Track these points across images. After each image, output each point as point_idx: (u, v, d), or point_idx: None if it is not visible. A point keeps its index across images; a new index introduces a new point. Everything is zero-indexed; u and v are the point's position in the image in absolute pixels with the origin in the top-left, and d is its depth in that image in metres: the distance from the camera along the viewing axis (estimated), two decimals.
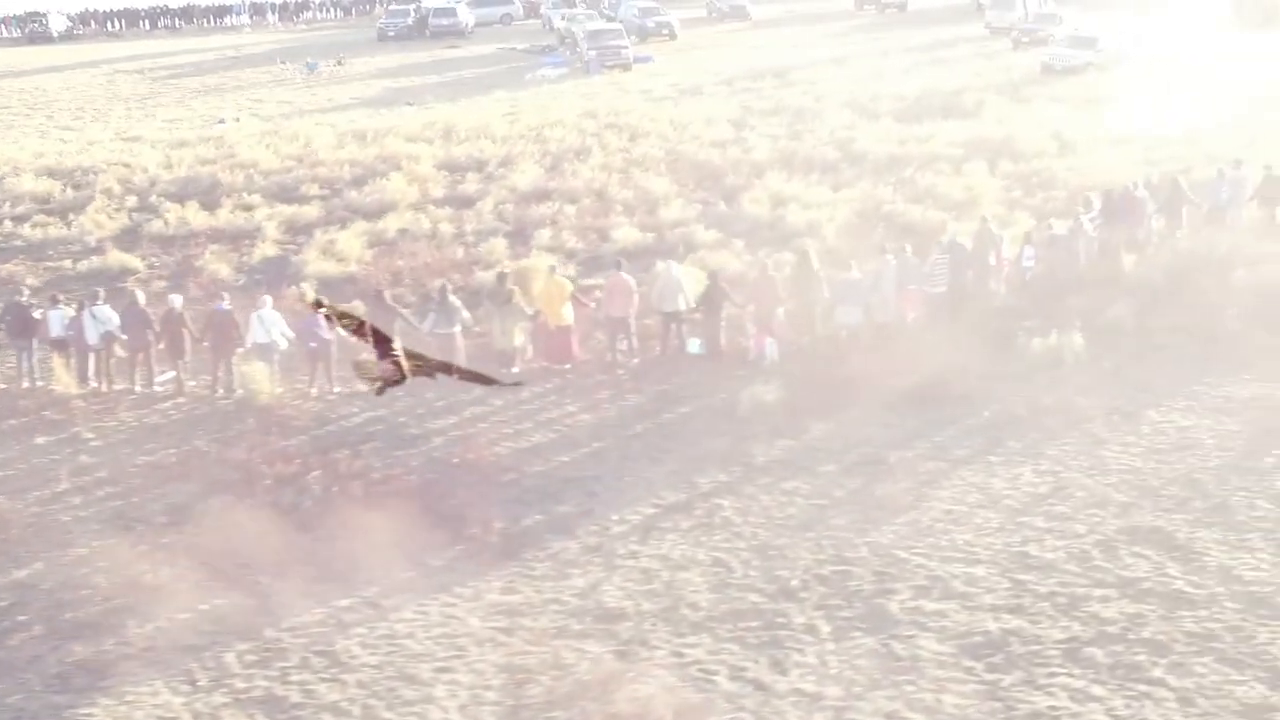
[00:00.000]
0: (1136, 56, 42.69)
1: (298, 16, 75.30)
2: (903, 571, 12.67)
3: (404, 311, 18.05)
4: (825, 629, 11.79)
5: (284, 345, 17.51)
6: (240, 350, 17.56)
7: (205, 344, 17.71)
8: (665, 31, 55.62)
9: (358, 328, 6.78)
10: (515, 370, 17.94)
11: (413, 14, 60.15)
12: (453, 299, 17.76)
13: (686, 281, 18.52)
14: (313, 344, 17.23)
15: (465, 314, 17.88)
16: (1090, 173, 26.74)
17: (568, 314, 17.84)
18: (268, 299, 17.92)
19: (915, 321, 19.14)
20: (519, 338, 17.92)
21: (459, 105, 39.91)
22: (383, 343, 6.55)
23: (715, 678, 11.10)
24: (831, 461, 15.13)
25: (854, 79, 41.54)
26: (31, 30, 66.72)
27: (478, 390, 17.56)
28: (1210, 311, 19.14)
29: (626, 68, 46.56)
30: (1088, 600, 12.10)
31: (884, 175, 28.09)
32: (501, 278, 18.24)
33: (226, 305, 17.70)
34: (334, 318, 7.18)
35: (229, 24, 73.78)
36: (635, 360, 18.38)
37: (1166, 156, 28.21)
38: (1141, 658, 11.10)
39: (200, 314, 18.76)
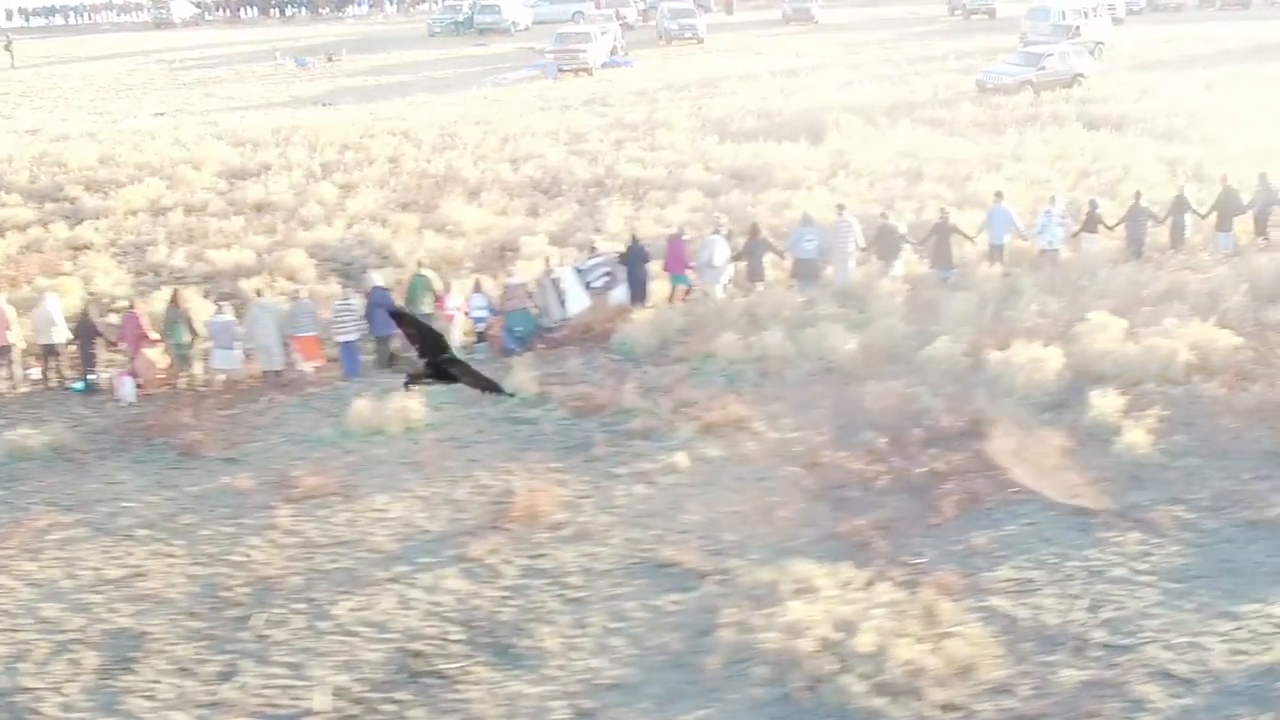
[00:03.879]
0: (1092, 77, 37.99)
1: (414, 7, 77.98)
2: None
3: None
4: None
5: None
6: None
7: None
8: (689, 34, 54.07)
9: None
10: None
11: (464, 10, 61.05)
12: None
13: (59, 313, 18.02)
14: None
15: None
16: (774, 210, 24.11)
17: None
18: None
19: (317, 371, 17.91)
20: None
21: (371, 107, 40.21)
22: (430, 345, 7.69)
23: None
24: None
25: (778, 92, 39.13)
26: (157, 16, 71.94)
27: None
28: (627, 383, 16.90)
29: (588, 71, 45.58)
30: None
31: (590, 202, 26.38)
32: None
33: None
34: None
35: (350, 14, 77.38)
36: (20, 390, 18.05)
37: (929, 193, 25.08)
38: None
39: None
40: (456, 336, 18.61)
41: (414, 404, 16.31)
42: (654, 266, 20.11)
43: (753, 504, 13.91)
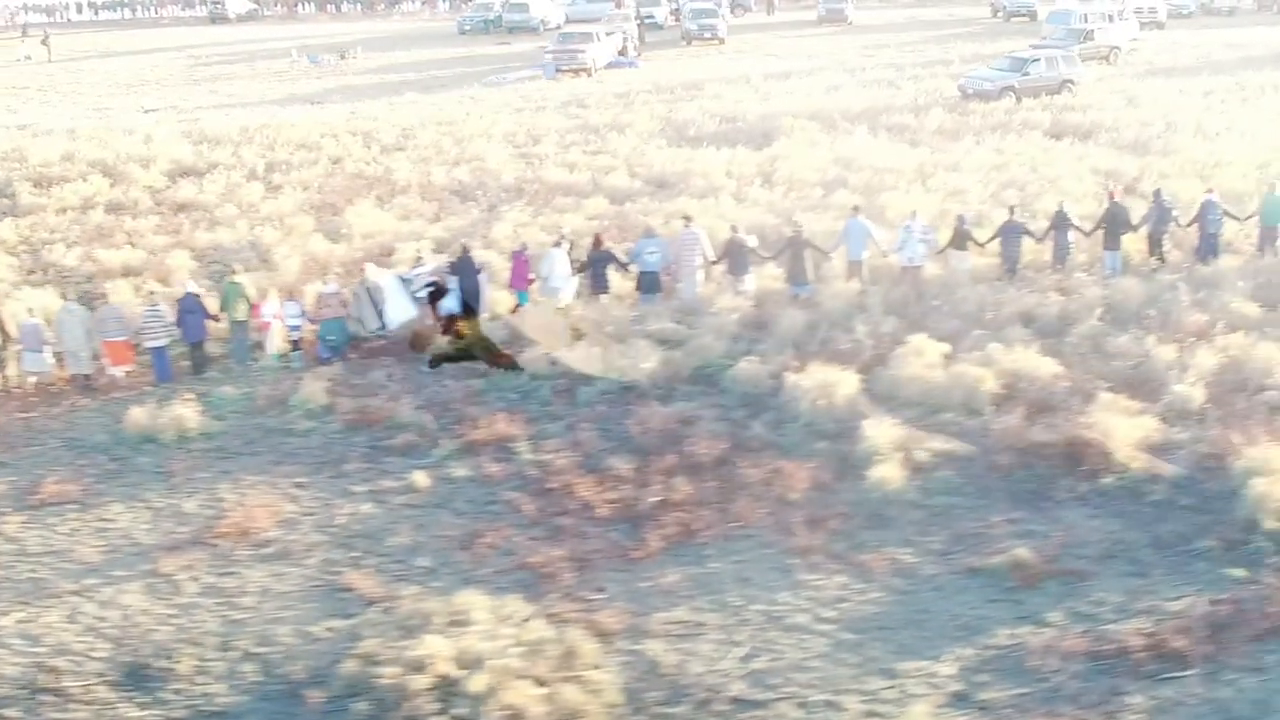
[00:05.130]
0: (1085, 83, 36.45)
1: (465, 4, 78.48)
2: None
3: None
4: None
5: None
6: None
7: None
8: (709, 35, 53.58)
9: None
10: None
11: (495, 8, 61.29)
12: None
13: None
14: None
15: None
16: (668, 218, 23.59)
17: None
18: None
19: (128, 375, 17.99)
20: None
21: (355, 105, 40.53)
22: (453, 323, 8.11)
23: None
24: None
25: (760, 95, 38.38)
26: (212, 11, 73.55)
27: None
28: (405, 397, 16.61)
29: (587, 72, 45.33)
30: None
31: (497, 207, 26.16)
32: None
33: None
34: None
35: (402, 10, 78.34)
36: None
37: (842, 203, 24.28)
38: None
39: None
40: (275, 343, 18.58)
41: (190, 412, 16.27)
42: (502, 278, 19.85)
43: (463, 529, 13.52)
